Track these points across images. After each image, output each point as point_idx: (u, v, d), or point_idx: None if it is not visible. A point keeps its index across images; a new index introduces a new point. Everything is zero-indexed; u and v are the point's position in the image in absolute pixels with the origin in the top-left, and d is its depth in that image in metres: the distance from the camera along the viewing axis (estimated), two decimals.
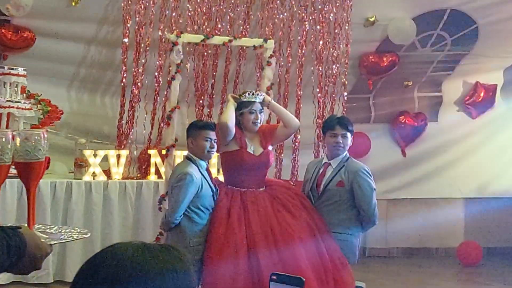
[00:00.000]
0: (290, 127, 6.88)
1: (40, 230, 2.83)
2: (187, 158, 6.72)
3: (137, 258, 1.55)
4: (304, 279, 1.74)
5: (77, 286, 1.56)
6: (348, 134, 6.82)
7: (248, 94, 6.69)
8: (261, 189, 6.72)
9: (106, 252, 1.58)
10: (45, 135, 2.90)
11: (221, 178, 7.12)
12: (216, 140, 6.50)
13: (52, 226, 3.02)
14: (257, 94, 6.71)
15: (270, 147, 6.85)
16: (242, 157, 6.60)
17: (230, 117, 6.53)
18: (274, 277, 1.75)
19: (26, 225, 2.60)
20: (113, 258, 1.56)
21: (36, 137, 2.84)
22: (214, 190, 6.60)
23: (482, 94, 10.05)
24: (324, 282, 6.48)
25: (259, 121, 6.68)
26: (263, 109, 6.73)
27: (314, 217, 6.68)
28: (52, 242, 2.55)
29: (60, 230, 2.89)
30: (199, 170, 6.52)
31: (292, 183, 8.39)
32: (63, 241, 2.80)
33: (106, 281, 1.52)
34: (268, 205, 6.59)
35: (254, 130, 6.70)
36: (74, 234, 2.87)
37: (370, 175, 6.85)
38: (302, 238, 6.51)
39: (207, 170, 6.64)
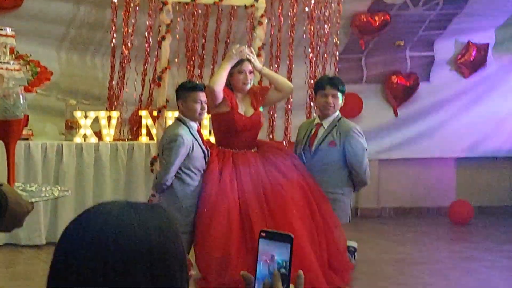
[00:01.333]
0: (283, 91, 6.87)
1: (20, 188, 2.79)
2: (178, 119, 6.70)
3: (122, 216, 1.54)
4: (293, 236, 1.71)
5: (63, 245, 1.57)
6: (339, 94, 6.80)
7: (236, 51, 6.63)
8: (252, 150, 6.71)
9: (91, 211, 1.59)
10: (23, 93, 2.84)
11: (213, 139, 7.10)
12: (206, 102, 6.45)
13: (32, 185, 2.98)
14: (243, 50, 6.67)
15: (261, 109, 6.81)
16: (233, 119, 6.57)
17: (218, 81, 6.48)
18: (263, 234, 1.70)
19: (6, 182, 2.57)
20: (98, 217, 1.56)
21: (15, 95, 2.79)
22: (206, 151, 6.59)
23: (474, 53, 10.03)
24: (316, 242, 6.48)
25: (249, 81, 6.63)
26: (253, 69, 6.67)
27: (306, 177, 6.67)
28: (33, 200, 2.52)
29: (40, 188, 2.85)
30: (190, 131, 6.51)
31: (284, 144, 8.37)
32: (44, 199, 2.78)
33: (92, 240, 1.52)
34: (259, 166, 6.58)
35: (245, 91, 6.67)
36: (55, 192, 2.83)
37: (362, 135, 6.85)
38: (294, 198, 6.51)
39: (198, 131, 6.63)
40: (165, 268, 1.55)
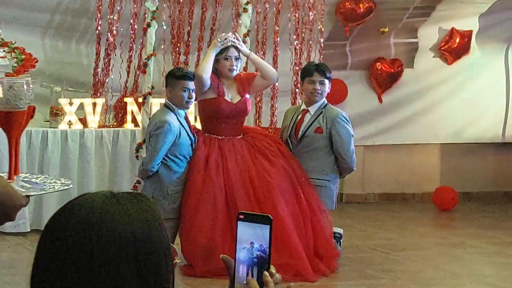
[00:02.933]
0: (268, 79, 6.87)
1: (26, 180, 2.77)
2: (165, 106, 6.70)
3: (106, 207, 1.54)
4: (271, 217, 1.66)
5: (48, 235, 1.55)
6: (326, 81, 6.81)
7: (220, 39, 6.63)
8: (238, 136, 6.71)
9: (75, 202, 1.57)
10: (30, 84, 2.83)
11: (199, 126, 7.08)
12: (194, 90, 6.45)
13: (38, 176, 2.96)
14: (230, 37, 6.68)
15: (247, 95, 6.80)
16: (220, 105, 6.58)
17: (205, 69, 6.48)
18: (241, 216, 1.67)
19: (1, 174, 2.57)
20: (82, 208, 1.55)
21: (19, 86, 2.77)
22: (193, 138, 6.59)
23: (457, 40, 10.03)
24: (303, 229, 6.49)
25: (234, 67, 6.63)
26: (239, 55, 6.67)
27: (292, 163, 6.67)
28: (30, 194, 2.51)
29: (45, 181, 2.83)
30: (177, 118, 6.50)
31: (270, 130, 8.35)
32: (41, 192, 2.77)
33: (77, 231, 1.51)
34: (246, 152, 6.58)
35: (231, 77, 6.66)
36: (56, 186, 2.82)
37: (348, 121, 6.86)
38: (280, 185, 6.51)
39: (186, 118, 6.63)
40: (150, 257, 1.54)
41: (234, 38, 6.71)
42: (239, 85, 6.72)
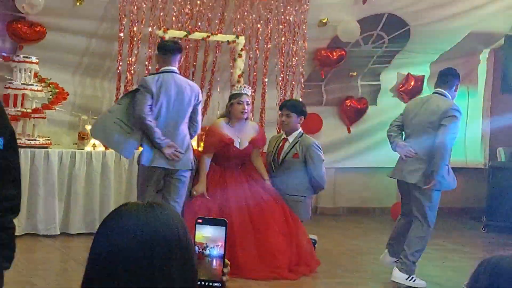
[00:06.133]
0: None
1: None
2: None
3: (149, 214, 1.52)
4: (226, 220, 1.68)
5: (102, 239, 1.53)
6: (293, 114, 6.79)
7: (237, 87, 6.70)
8: (239, 167, 6.74)
9: (121, 210, 1.56)
10: None
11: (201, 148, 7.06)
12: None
13: None
14: (245, 87, 6.73)
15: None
16: (229, 151, 6.54)
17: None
18: (199, 221, 1.67)
19: None
20: (128, 215, 1.53)
21: None
22: (195, 162, 6.57)
23: (412, 83, 10.08)
24: (290, 240, 6.45)
25: (246, 111, 6.59)
26: (249, 101, 6.69)
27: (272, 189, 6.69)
28: None
29: None
30: None
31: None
32: None
33: (131, 235, 1.49)
34: (244, 181, 6.57)
35: (243, 118, 6.60)
36: None
37: (320, 149, 6.87)
38: (273, 209, 6.52)
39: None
40: (188, 252, 1.52)
41: (247, 89, 6.75)
42: (254, 137, 6.69)
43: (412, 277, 6.26)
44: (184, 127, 6.13)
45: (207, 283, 1.63)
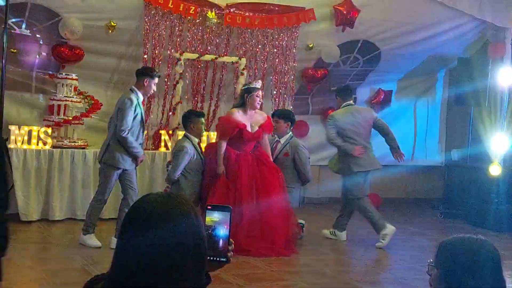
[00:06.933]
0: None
1: None
2: (185, 135, 6.68)
3: (166, 201, 1.50)
4: (231, 207, 1.67)
5: (128, 224, 1.50)
6: (280, 121, 6.89)
7: (254, 83, 6.64)
8: (250, 151, 6.60)
9: (144, 199, 1.54)
10: None
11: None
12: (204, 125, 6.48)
13: None
14: (258, 83, 6.69)
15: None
16: (242, 135, 6.48)
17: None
18: (209, 207, 1.67)
19: None
20: (150, 202, 1.51)
21: None
22: (203, 158, 6.57)
23: (382, 97, 10.11)
24: (286, 217, 6.44)
25: (260, 102, 6.57)
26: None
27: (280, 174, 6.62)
28: None
29: None
30: (192, 144, 6.50)
31: None
32: None
33: (150, 218, 1.47)
34: (254, 163, 6.48)
35: (257, 108, 6.55)
36: None
37: (306, 149, 6.91)
38: (274, 187, 6.43)
39: (198, 144, 6.61)
40: (200, 236, 1.50)
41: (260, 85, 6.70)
42: (263, 124, 6.57)
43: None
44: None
45: (215, 258, 1.63)
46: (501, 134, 8.97)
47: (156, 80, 6.32)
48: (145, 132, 7.86)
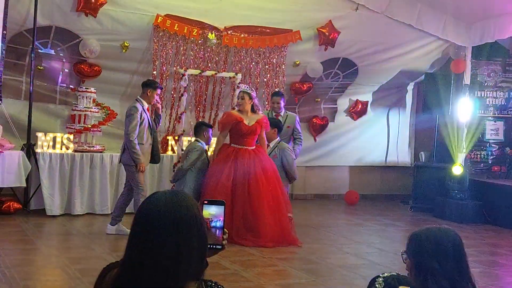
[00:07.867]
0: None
1: None
2: (196, 140, 6.78)
3: (173, 198, 1.50)
4: (224, 201, 1.67)
5: (138, 218, 1.49)
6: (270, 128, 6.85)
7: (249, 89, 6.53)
8: (251, 148, 6.44)
9: (153, 196, 1.53)
10: None
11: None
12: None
13: None
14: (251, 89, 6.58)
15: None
16: (240, 128, 6.37)
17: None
18: (205, 202, 1.67)
19: None
20: (157, 200, 1.50)
21: None
22: (208, 160, 6.59)
23: (360, 106, 10.11)
24: (281, 213, 6.38)
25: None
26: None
27: (276, 170, 6.50)
28: None
29: None
30: (202, 148, 6.54)
31: None
32: None
33: (162, 212, 1.46)
34: (252, 159, 6.31)
35: (244, 110, 6.39)
36: None
37: (292, 151, 6.87)
38: (269, 184, 6.33)
39: (206, 149, 6.65)
40: (202, 227, 1.50)
41: (246, 87, 6.56)
42: (258, 122, 6.37)
43: None
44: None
45: (212, 246, 1.65)
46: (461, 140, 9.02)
47: (159, 91, 6.37)
48: (157, 132, 7.84)
